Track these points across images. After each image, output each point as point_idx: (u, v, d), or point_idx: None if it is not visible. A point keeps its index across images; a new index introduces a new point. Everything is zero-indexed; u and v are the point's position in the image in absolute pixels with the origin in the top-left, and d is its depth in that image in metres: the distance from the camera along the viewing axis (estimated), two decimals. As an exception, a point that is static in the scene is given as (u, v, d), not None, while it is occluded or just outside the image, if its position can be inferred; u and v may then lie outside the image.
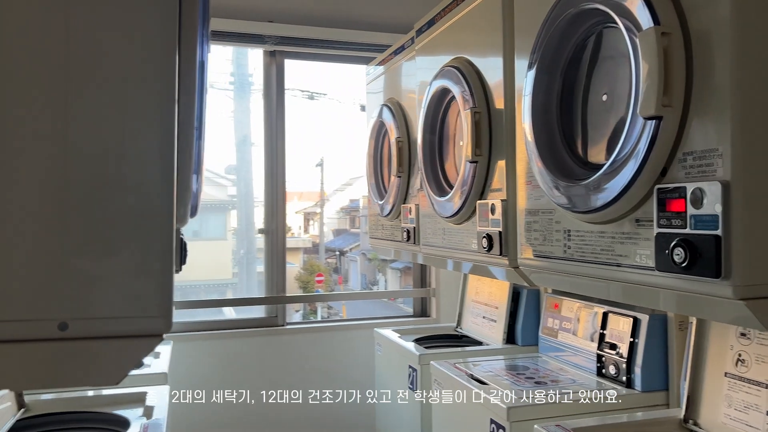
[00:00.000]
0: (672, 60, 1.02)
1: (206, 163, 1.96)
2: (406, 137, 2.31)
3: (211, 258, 9.79)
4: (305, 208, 18.64)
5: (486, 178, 1.71)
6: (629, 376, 1.78)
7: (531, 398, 1.73)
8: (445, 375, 2.02)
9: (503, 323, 2.41)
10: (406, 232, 2.26)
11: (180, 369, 2.67)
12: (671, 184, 1.04)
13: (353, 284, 17.19)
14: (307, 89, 8.69)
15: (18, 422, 1.61)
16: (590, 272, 1.27)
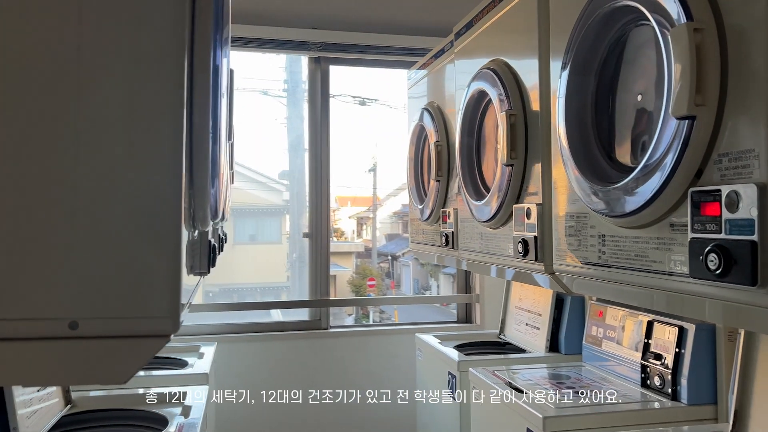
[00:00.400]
0: (705, 57, 0.97)
1: (243, 168, 1.98)
2: (445, 141, 2.29)
3: (267, 261, 9.97)
4: (358, 212, 18.77)
5: (522, 182, 1.68)
6: (675, 388, 1.71)
7: (569, 408, 1.68)
8: (483, 382, 1.99)
9: (546, 331, 2.36)
10: (445, 237, 2.24)
11: (224, 370, 2.73)
12: (706, 187, 0.99)
13: (405, 289, 17.17)
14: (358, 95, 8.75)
15: (63, 418, 1.67)
16: (624, 278, 1.22)
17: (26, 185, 0.66)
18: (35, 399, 1.57)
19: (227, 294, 8.02)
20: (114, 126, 0.69)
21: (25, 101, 0.66)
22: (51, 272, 0.67)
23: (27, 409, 1.49)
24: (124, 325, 0.69)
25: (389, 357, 2.99)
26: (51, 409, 1.65)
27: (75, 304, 0.68)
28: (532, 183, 1.64)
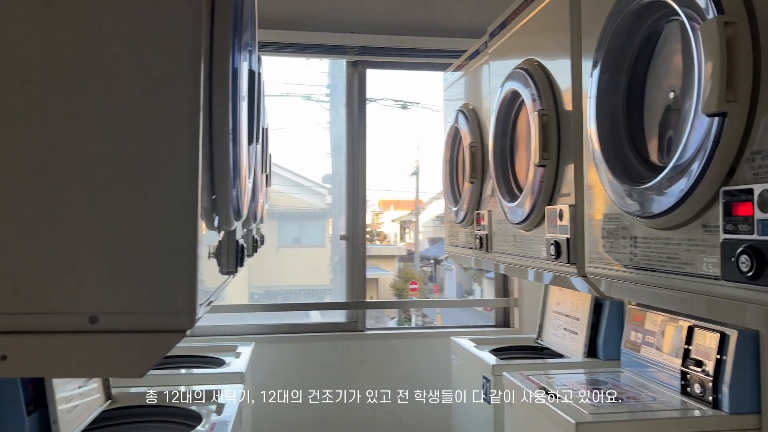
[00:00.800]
0: (737, 52, 0.94)
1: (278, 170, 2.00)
2: (479, 142, 2.27)
3: (311, 264, 10.06)
4: (401, 216, 18.77)
5: (555, 183, 1.65)
6: (716, 396, 1.65)
7: (603, 414, 1.64)
8: (517, 386, 1.96)
9: (584, 336, 2.31)
10: (479, 240, 2.22)
11: (261, 369, 2.77)
12: (738, 186, 0.95)
13: (449, 293, 17.07)
14: (400, 98, 8.77)
15: (103, 413, 1.73)
16: (655, 281, 1.19)
17: (49, 187, 0.69)
18: (76, 395, 1.63)
19: (272, 296, 8.14)
20: (132, 129, 0.71)
21: (48, 104, 0.69)
22: (72, 269, 0.69)
23: (68, 404, 1.55)
24: (142, 321, 0.71)
25: (425, 360, 2.98)
26: (91, 404, 1.71)
27: (95, 300, 0.70)
28: (564, 184, 1.61)
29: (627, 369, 2.07)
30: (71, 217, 0.70)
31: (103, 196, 0.70)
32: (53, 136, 0.69)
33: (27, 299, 0.68)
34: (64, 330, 0.69)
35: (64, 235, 0.69)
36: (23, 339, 0.68)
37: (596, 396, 1.80)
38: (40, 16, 0.69)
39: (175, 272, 0.72)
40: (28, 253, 0.69)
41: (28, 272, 0.69)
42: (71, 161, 0.69)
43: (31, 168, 0.69)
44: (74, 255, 0.69)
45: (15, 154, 0.69)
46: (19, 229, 0.68)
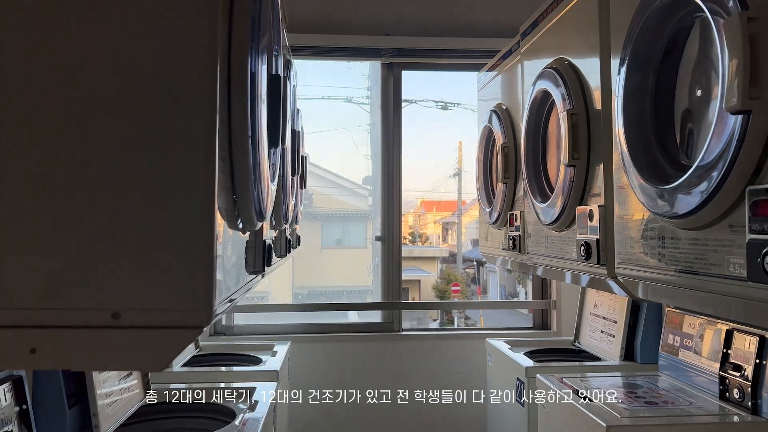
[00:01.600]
0: (761, 48, 0.91)
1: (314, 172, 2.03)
2: (512, 143, 2.26)
3: (353, 265, 10.14)
4: (443, 217, 18.70)
5: (585, 183, 1.63)
6: (755, 402, 1.60)
7: (636, 418, 1.61)
8: (550, 389, 1.94)
9: (621, 339, 2.27)
10: (512, 241, 2.20)
11: (297, 367, 2.82)
12: (764, 185, 0.93)
13: (492, 295, 16.92)
14: (440, 99, 8.75)
15: (142, 407, 1.79)
16: (683, 282, 1.16)
17: (74, 189, 0.73)
18: (116, 390, 1.69)
19: (315, 296, 8.24)
20: (150, 132, 0.74)
21: (70, 109, 0.73)
22: (96, 268, 0.73)
23: (108, 399, 1.61)
24: (161, 317, 0.74)
25: (460, 361, 2.97)
26: (131, 399, 1.77)
27: (117, 297, 0.73)
28: (595, 184, 1.59)
29: (665, 373, 2.03)
30: (95, 220, 0.73)
31: (122, 199, 0.74)
32: (78, 141, 0.73)
33: (54, 296, 0.72)
34: (88, 325, 0.73)
35: (89, 237, 0.73)
36: (51, 333, 0.72)
37: (628, 399, 1.77)
38: (64, 22, 0.73)
39: (193, 271, 0.75)
40: (56, 253, 0.73)
41: (55, 271, 0.73)
42: (94, 166, 0.73)
43: (58, 171, 0.73)
44: (98, 255, 0.73)
45: (43, 158, 0.73)
46: (48, 232, 0.73)
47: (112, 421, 1.60)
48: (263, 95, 0.97)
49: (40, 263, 0.72)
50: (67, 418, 1.44)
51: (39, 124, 0.73)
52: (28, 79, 0.73)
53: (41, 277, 0.72)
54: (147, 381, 1.88)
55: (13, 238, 0.72)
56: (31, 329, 0.72)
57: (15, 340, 0.72)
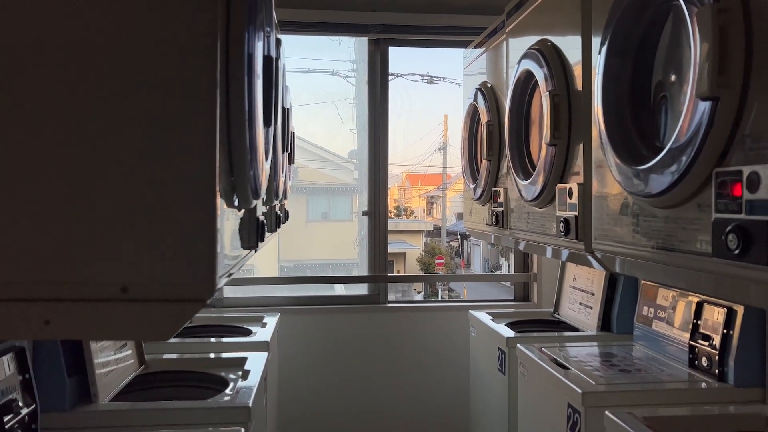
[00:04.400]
0: (730, 38, 0.97)
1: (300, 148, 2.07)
2: (497, 121, 2.31)
3: (339, 239, 10.19)
4: (428, 191, 18.78)
5: (566, 162, 1.69)
6: (722, 369, 1.70)
7: (610, 385, 1.71)
8: (529, 358, 2.03)
9: (598, 310, 2.36)
10: (495, 216, 2.27)
11: (286, 339, 2.89)
12: (729, 168, 0.99)
13: (476, 268, 17.14)
14: (426, 73, 8.74)
15: (137, 377, 1.85)
16: (654, 257, 1.24)
17: (84, 170, 0.77)
18: (112, 361, 1.75)
19: (301, 269, 8.30)
20: (155, 114, 0.78)
21: (77, 90, 0.77)
22: (106, 243, 0.78)
23: (104, 369, 1.67)
24: (167, 290, 0.79)
25: (444, 332, 3.07)
26: (126, 369, 1.83)
27: (126, 271, 0.78)
28: (575, 163, 1.66)
29: (639, 342, 2.12)
30: (104, 198, 0.78)
31: (129, 178, 0.78)
32: (84, 119, 0.77)
33: (67, 270, 0.77)
34: (99, 298, 0.78)
35: (99, 213, 0.78)
36: (63, 306, 0.77)
37: (603, 367, 1.86)
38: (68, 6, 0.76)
39: (196, 246, 0.80)
40: (68, 229, 0.77)
41: (68, 246, 0.77)
42: (103, 146, 0.77)
43: (69, 151, 0.77)
44: (107, 231, 0.78)
45: (53, 138, 0.77)
46: (60, 210, 0.77)
47: (109, 390, 1.66)
48: (259, 74, 1.01)
49: (52, 239, 0.76)
50: (67, 387, 1.50)
51: (47, 107, 0.77)
52: (29, 58, 0.77)
53: (53, 252, 0.77)
54: (141, 351, 1.94)
55: (26, 214, 0.76)
56: (44, 302, 0.77)
57: (30, 312, 0.77)
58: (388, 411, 3.04)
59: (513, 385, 2.22)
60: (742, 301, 1.06)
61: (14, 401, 1.25)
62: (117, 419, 1.53)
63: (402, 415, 3.04)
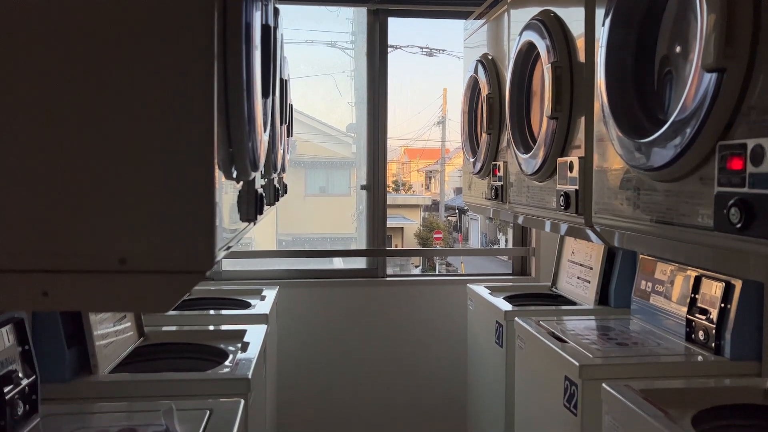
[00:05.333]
0: (737, 8, 0.95)
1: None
2: (497, 93, 2.29)
3: (337, 213, 10.18)
4: (427, 166, 18.72)
5: (567, 135, 1.68)
6: (718, 343, 1.71)
7: (607, 357, 1.72)
8: (527, 331, 2.04)
9: (596, 284, 2.37)
10: (494, 190, 2.26)
11: (286, 311, 2.90)
12: (733, 141, 0.98)
13: (474, 243, 17.18)
14: (426, 45, 8.64)
15: (136, 349, 1.86)
16: (655, 231, 1.23)
17: (82, 137, 0.76)
18: (111, 332, 1.75)
19: (299, 243, 8.32)
20: (152, 84, 0.77)
21: (73, 63, 0.76)
22: (104, 215, 0.77)
23: (104, 341, 1.67)
24: (166, 262, 0.79)
25: (442, 305, 3.08)
26: (126, 341, 1.84)
27: (124, 242, 0.78)
28: (576, 136, 1.64)
29: (636, 316, 2.13)
30: (103, 170, 0.77)
31: (127, 149, 0.77)
32: (86, 97, 0.76)
33: (65, 241, 0.77)
34: (97, 270, 0.77)
35: (98, 185, 0.77)
36: (62, 277, 0.77)
37: (600, 341, 1.88)
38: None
39: (195, 218, 0.79)
40: (67, 201, 0.76)
41: (66, 218, 0.76)
42: (99, 117, 0.76)
43: (67, 123, 0.76)
44: (106, 202, 0.77)
45: (50, 110, 0.76)
46: (59, 181, 0.76)
47: (109, 361, 1.67)
48: (257, 44, 0.99)
49: (50, 210, 0.76)
50: (67, 358, 1.50)
51: (39, 77, 0.76)
52: (29, 23, 0.75)
53: (52, 223, 0.76)
54: (140, 324, 1.94)
55: (24, 186, 0.75)
56: (42, 273, 0.76)
57: (28, 283, 0.76)
58: (385, 383, 3.06)
59: (510, 358, 2.24)
60: (742, 274, 1.05)
61: (14, 372, 1.25)
62: (117, 390, 1.54)
63: (400, 388, 3.07)
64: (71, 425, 1.27)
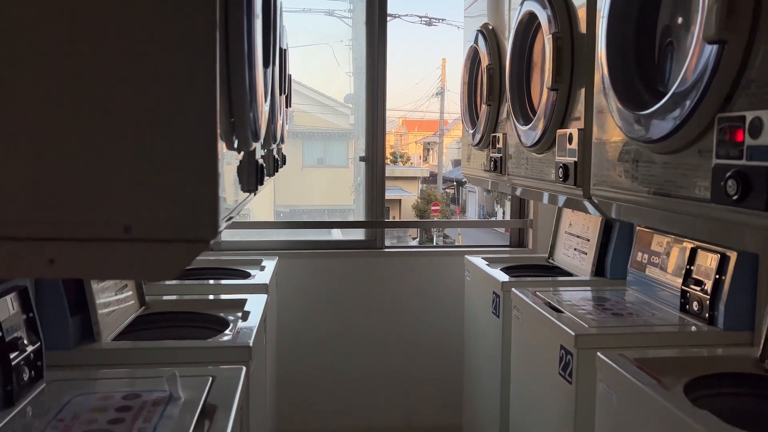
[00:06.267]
0: (740, -21, 0.95)
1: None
2: (497, 64, 2.28)
3: (334, 184, 10.16)
4: (425, 137, 18.64)
5: (567, 107, 1.68)
6: (712, 314, 1.73)
7: (602, 328, 1.74)
8: (524, 302, 2.07)
9: (593, 256, 2.39)
10: (493, 162, 2.27)
11: (285, 282, 2.93)
12: (733, 113, 0.99)
13: (471, 215, 17.21)
14: (425, 14, 8.54)
15: (138, 318, 1.88)
16: (653, 203, 1.24)
17: (86, 106, 0.76)
18: (113, 301, 1.77)
19: (297, 214, 8.31)
20: (156, 55, 0.77)
21: (77, 31, 0.76)
22: (109, 183, 0.78)
23: (106, 309, 1.69)
24: (170, 231, 0.79)
25: (440, 276, 3.11)
26: (127, 310, 1.86)
27: (129, 211, 0.78)
28: (576, 108, 1.64)
29: (632, 287, 2.16)
30: (108, 138, 0.77)
31: (133, 119, 0.77)
32: (88, 66, 0.76)
33: (71, 210, 0.77)
34: (102, 238, 0.78)
35: (103, 153, 0.77)
36: (68, 245, 0.78)
37: (596, 311, 1.90)
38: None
39: (199, 188, 0.80)
40: (72, 169, 0.77)
41: (71, 186, 0.77)
42: (102, 85, 0.76)
43: (71, 90, 0.76)
44: (109, 171, 0.77)
45: (55, 77, 0.76)
46: (64, 150, 0.77)
47: (111, 329, 1.69)
48: (258, 13, 0.99)
49: (56, 178, 0.76)
50: (70, 326, 1.52)
51: (43, 44, 0.76)
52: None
53: (57, 192, 0.77)
54: (142, 293, 1.96)
55: (29, 154, 0.76)
56: (48, 241, 0.77)
57: (35, 251, 0.77)
58: (383, 353, 3.11)
59: (507, 328, 2.27)
60: (738, 246, 1.07)
61: (19, 339, 1.27)
62: (120, 357, 1.57)
63: (397, 357, 3.12)
64: (76, 390, 1.29)
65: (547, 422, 1.91)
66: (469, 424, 2.83)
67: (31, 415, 1.18)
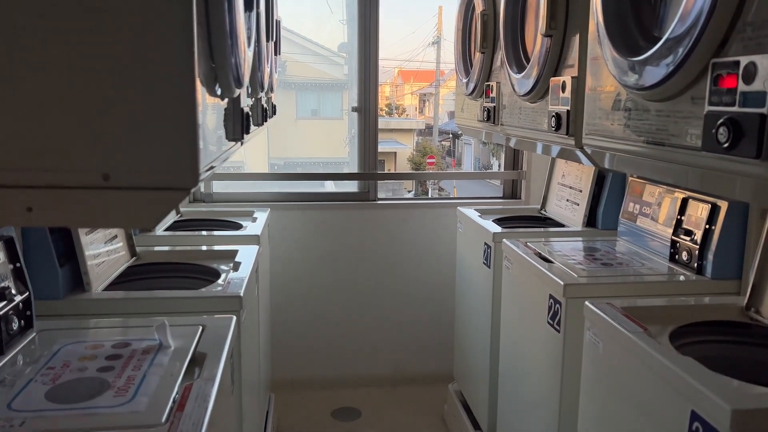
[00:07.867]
0: None
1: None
2: (492, 11, 2.22)
3: (328, 136, 10.08)
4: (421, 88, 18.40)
5: (561, 54, 1.65)
6: (700, 263, 1.74)
7: (591, 277, 1.75)
8: (515, 252, 2.08)
9: (585, 206, 2.39)
10: (486, 112, 2.24)
11: (277, 234, 2.93)
12: (727, 58, 0.97)
13: (467, 167, 17.17)
14: (421, -39, 8.29)
15: (129, 268, 1.88)
16: (644, 152, 1.23)
17: (63, 52, 0.74)
18: (103, 252, 1.77)
19: (291, 167, 8.27)
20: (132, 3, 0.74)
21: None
22: (87, 130, 0.76)
23: (96, 260, 1.69)
24: (150, 179, 0.78)
25: (433, 228, 3.11)
26: (118, 260, 1.86)
27: (107, 159, 0.77)
28: (570, 55, 1.61)
29: (623, 238, 2.17)
30: (84, 86, 0.75)
31: (110, 64, 0.75)
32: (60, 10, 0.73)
33: (48, 157, 0.76)
34: (80, 186, 0.77)
35: (79, 101, 0.75)
36: (46, 193, 0.76)
37: (586, 261, 1.91)
38: None
39: (179, 135, 0.78)
40: (49, 117, 0.75)
41: (49, 133, 0.75)
42: (78, 31, 0.74)
43: (47, 39, 0.73)
44: (88, 118, 0.76)
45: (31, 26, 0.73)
46: (42, 97, 0.74)
47: (101, 279, 1.69)
48: (237, -44, 0.95)
49: (33, 126, 0.74)
50: (59, 276, 1.52)
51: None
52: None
53: (34, 139, 0.75)
54: (132, 244, 1.96)
55: (6, 102, 0.74)
56: (26, 189, 0.76)
57: (12, 198, 0.76)
58: (376, 303, 3.14)
59: (497, 278, 2.28)
60: (728, 194, 1.06)
61: (7, 289, 1.27)
62: (111, 307, 1.57)
63: (390, 308, 3.15)
64: (66, 339, 1.30)
65: (536, 370, 1.94)
66: (460, 372, 2.88)
67: (21, 363, 1.19)
